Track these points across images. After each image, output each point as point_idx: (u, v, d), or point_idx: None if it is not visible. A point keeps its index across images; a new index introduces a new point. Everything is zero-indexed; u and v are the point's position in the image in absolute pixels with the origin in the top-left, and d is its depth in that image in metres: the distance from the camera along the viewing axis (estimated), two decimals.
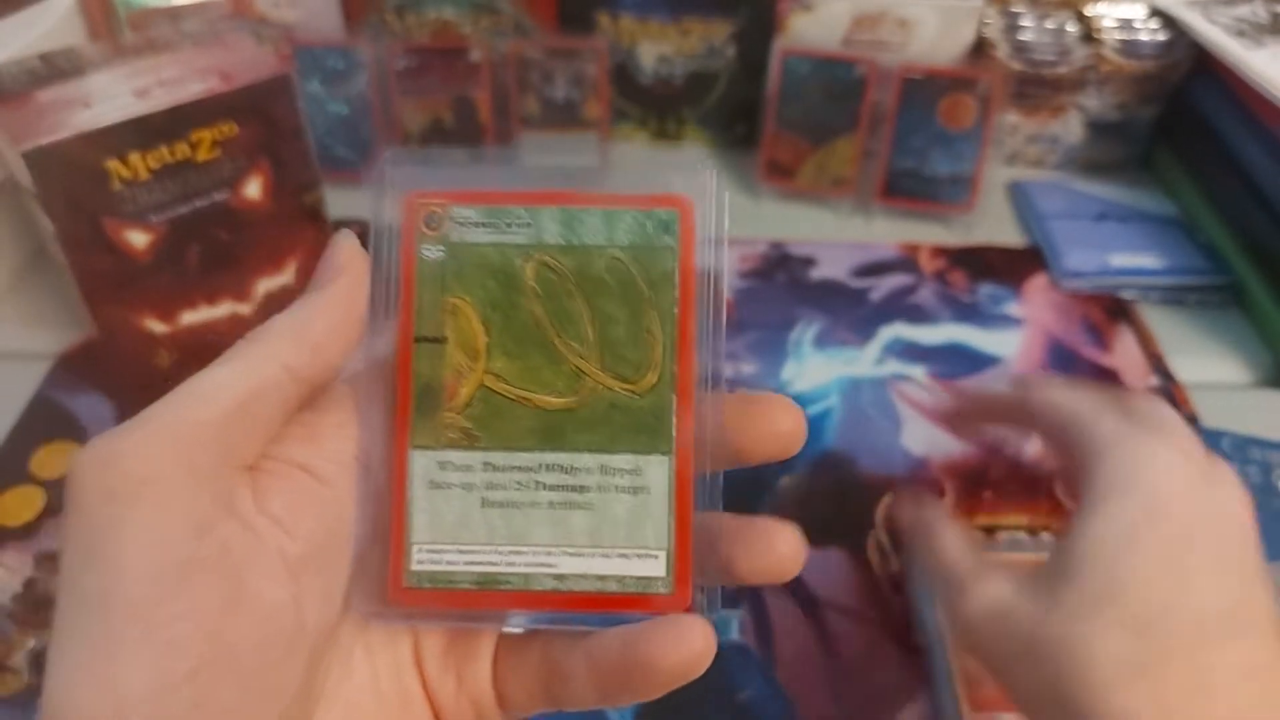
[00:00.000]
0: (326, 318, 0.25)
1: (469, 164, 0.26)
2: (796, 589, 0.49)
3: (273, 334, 0.24)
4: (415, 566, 0.25)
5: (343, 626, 0.25)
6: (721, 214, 0.26)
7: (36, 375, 0.59)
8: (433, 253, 0.25)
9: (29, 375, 0.59)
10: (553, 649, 0.25)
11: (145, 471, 0.21)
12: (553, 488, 0.25)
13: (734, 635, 0.47)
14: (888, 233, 0.74)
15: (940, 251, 0.72)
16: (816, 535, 0.49)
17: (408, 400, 0.25)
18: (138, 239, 0.57)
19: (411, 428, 0.25)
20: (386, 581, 0.24)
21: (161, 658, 0.20)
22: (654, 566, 0.25)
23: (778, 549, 0.26)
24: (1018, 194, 0.77)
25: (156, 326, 0.59)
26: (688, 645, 0.23)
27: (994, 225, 0.74)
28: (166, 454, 0.21)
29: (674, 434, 0.25)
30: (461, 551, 0.25)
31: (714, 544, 0.25)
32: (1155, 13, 0.76)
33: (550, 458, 0.25)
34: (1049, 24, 0.77)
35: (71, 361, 0.60)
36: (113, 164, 0.54)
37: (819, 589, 0.49)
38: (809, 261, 0.71)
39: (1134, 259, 0.69)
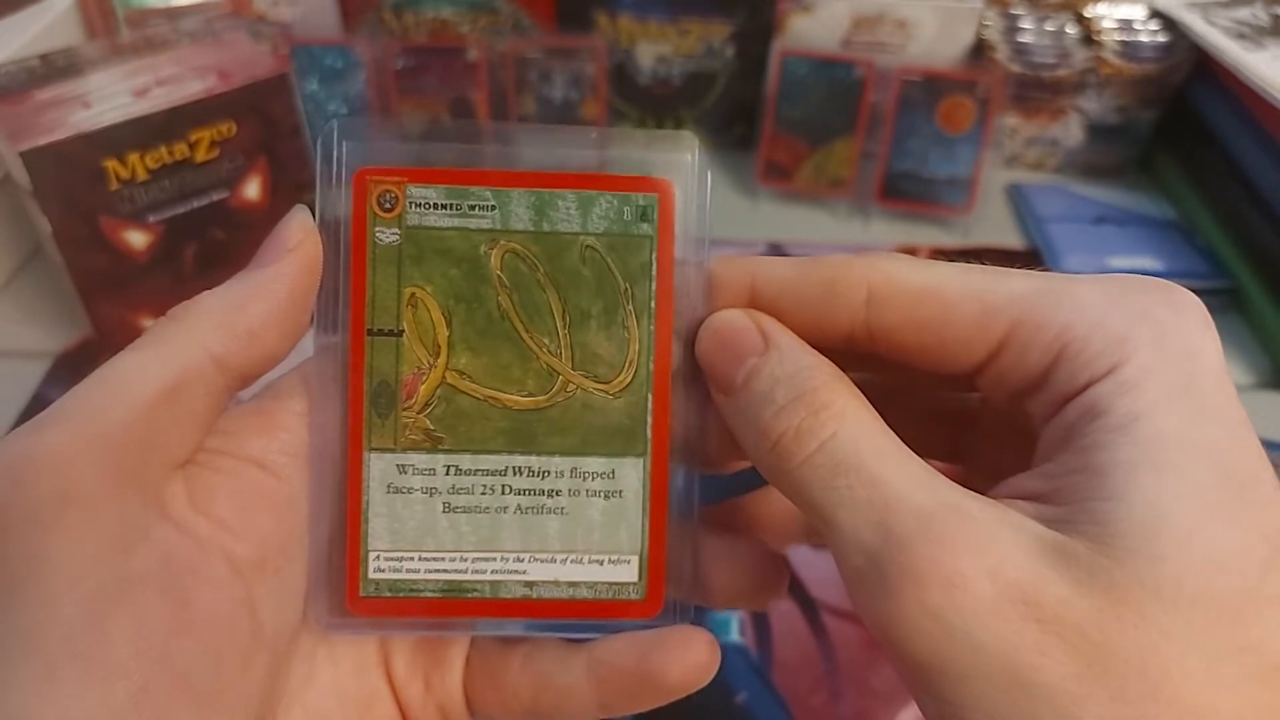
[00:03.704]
0: (264, 301, 0.22)
1: (430, 136, 0.24)
2: (795, 591, 0.48)
3: (199, 315, 0.22)
4: (373, 575, 0.23)
5: (305, 627, 0.23)
6: (704, 198, 0.24)
7: (34, 374, 0.59)
8: (387, 237, 0.23)
9: (26, 374, 0.59)
10: (538, 659, 0.24)
11: (64, 485, 0.19)
12: (522, 492, 0.23)
13: (732, 637, 0.46)
14: (886, 234, 0.73)
15: (939, 254, 0.72)
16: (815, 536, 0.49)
17: (361, 399, 0.23)
18: (135, 239, 0.57)
19: (367, 428, 0.23)
20: (343, 590, 0.23)
21: (105, 685, 0.18)
22: (626, 572, 0.24)
23: (757, 576, 0.25)
24: (1016, 196, 0.77)
25: None
26: (693, 658, 0.23)
27: (992, 228, 0.74)
28: (86, 461, 0.19)
29: (649, 436, 0.24)
30: (425, 559, 0.23)
31: (691, 554, 0.24)
32: (1155, 15, 0.76)
33: (520, 461, 0.23)
34: (1049, 26, 0.77)
35: (69, 361, 0.60)
36: (111, 164, 0.53)
37: (817, 591, 0.48)
38: None
39: (1132, 262, 0.69)
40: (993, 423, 0.25)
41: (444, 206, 0.23)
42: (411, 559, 0.23)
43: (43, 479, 0.19)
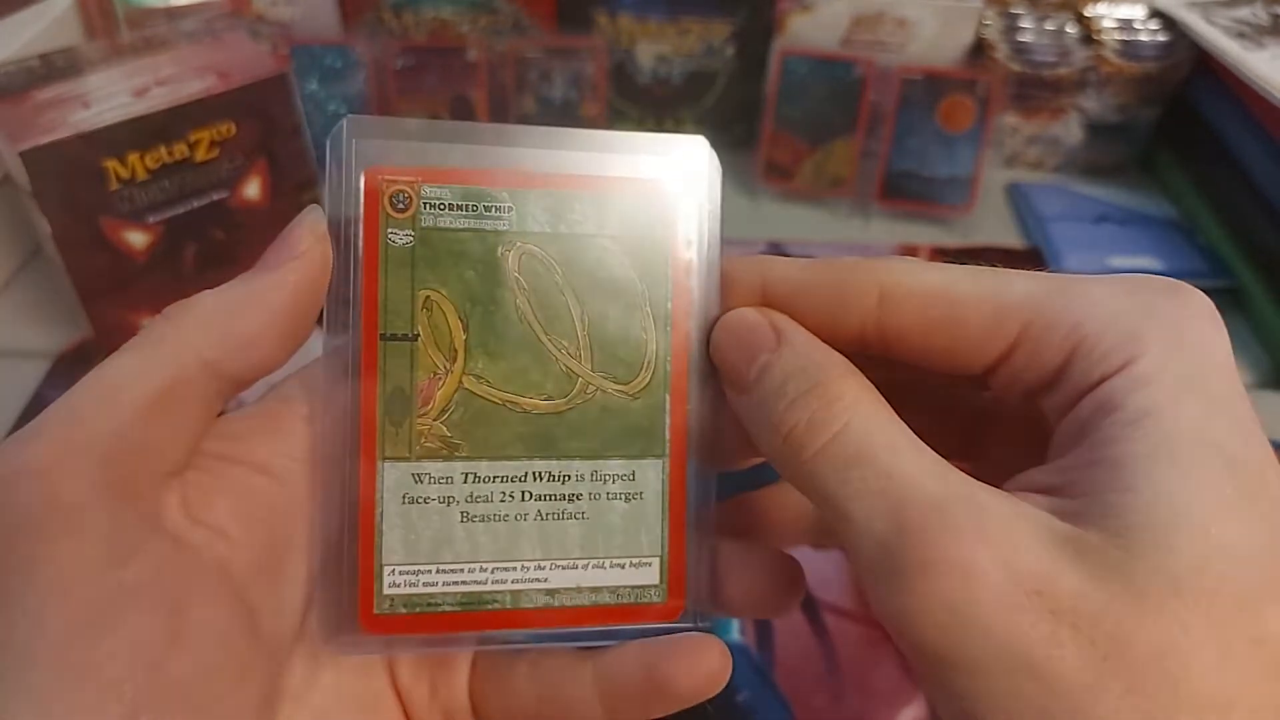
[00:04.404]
0: (264, 308, 0.21)
1: (443, 136, 0.23)
2: None
3: (194, 318, 0.21)
4: (388, 590, 0.22)
5: (308, 627, 0.23)
6: (716, 199, 0.24)
7: (33, 374, 0.59)
8: (401, 238, 0.22)
9: (26, 375, 0.59)
10: (545, 667, 0.24)
11: (54, 496, 0.18)
12: (542, 498, 0.23)
13: (733, 636, 0.46)
14: (886, 234, 0.73)
15: (939, 253, 0.72)
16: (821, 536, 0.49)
17: (374, 406, 0.22)
18: (135, 239, 0.56)
19: (381, 438, 0.22)
20: (355, 607, 0.22)
21: (99, 702, 0.18)
22: (647, 574, 0.23)
23: (773, 582, 0.24)
24: (1017, 196, 0.77)
25: None
26: (705, 666, 0.23)
27: (993, 227, 0.74)
28: (76, 471, 0.18)
29: (667, 435, 0.23)
30: (442, 571, 0.23)
31: (708, 557, 0.24)
32: (1155, 14, 0.76)
33: (540, 466, 0.23)
34: (1049, 25, 0.76)
35: (69, 361, 0.60)
36: (111, 164, 0.53)
37: (819, 590, 0.48)
38: None
39: (1133, 261, 0.69)
40: (1007, 419, 0.26)
41: (459, 207, 0.23)
42: (429, 571, 0.23)
43: (32, 489, 0.18)
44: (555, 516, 0.23)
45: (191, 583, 0.20)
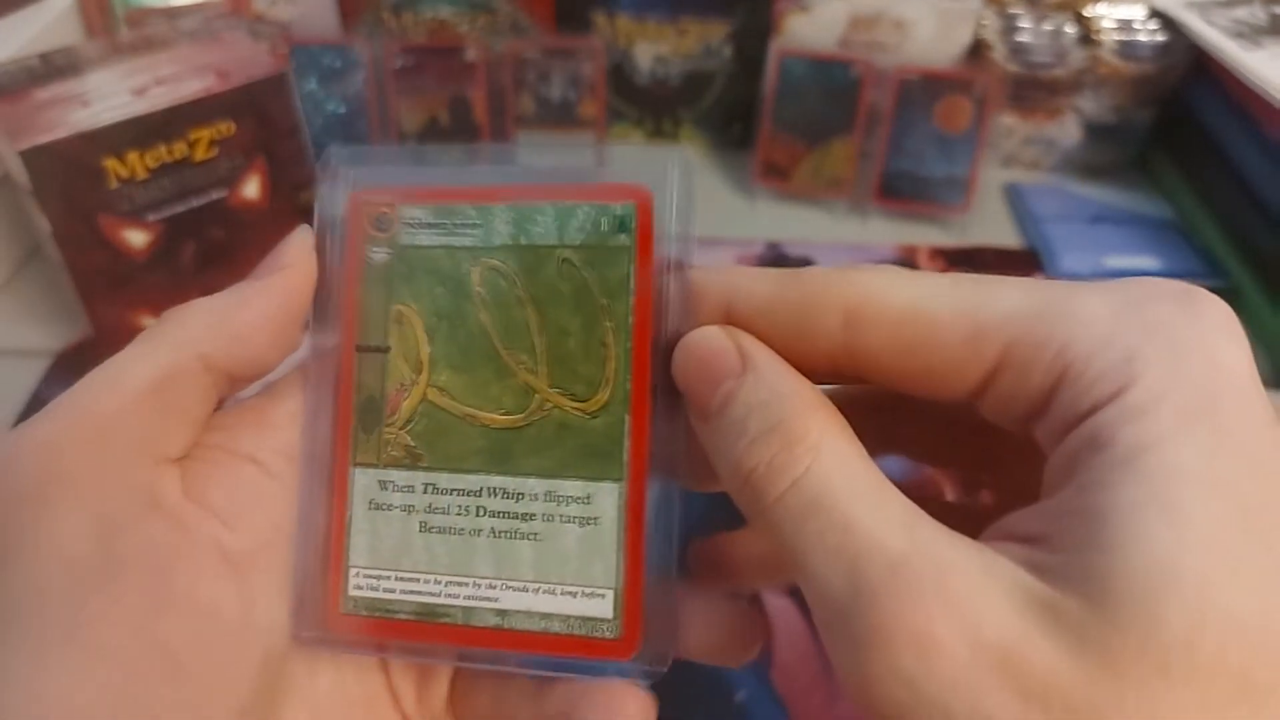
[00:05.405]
0: (256, 309, 0.22)
1: (422, 161, 0.24)
2: (795, 590, 0.49)
3: (190, 318, 0.22)
4: (353, 592, 0.23)
5: None
6: (686, 206, 0.22)
7: (33, 373, 0.59)
8: (380, 256, 0.23)
9: (26, 374, 0.59)
10: (506, 691, 0.24)
11: (51, 467, 0.19)
12: (496, 515, 0.23)
13: None
14: (884, 234, 0.74)
15: (937, 253, 0.72)
16: None
17: (349, 414, 0.23)
18: (134, 237, 0.57)
19: (353, 443, 0.23)
20: (323, 605, 0.23)
21: (88, 661, 0.19)
22: (600, 607, 0.22)
23: (735, 635, 0.24)
24: (1014, 196, 0.77)
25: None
26: (620, 715, 0.22)
27: (990, 227, 0.74)
28: (72, 445, 0.20)
29: (626, 459, 0.22)
30: (400, 579, 0.23)
31: (670, 595, 0.22)
32: (1153, 14, 0.76)
33: (496, 481, 0.23)
34: (1046, 25, 0.77)
35: (69, 360, 0.60)
36: (110, 162, 0.54)
37: None
38: (805, 263, 0.71)
39: (1130, 261, 0.69)
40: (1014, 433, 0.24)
41: (433, 225, 0.24)
42: (388, 578, 0.23)
43: (30, 461, 0.20)
44: (508, 535, 0.23)
45: (184, 558, 0.20)
